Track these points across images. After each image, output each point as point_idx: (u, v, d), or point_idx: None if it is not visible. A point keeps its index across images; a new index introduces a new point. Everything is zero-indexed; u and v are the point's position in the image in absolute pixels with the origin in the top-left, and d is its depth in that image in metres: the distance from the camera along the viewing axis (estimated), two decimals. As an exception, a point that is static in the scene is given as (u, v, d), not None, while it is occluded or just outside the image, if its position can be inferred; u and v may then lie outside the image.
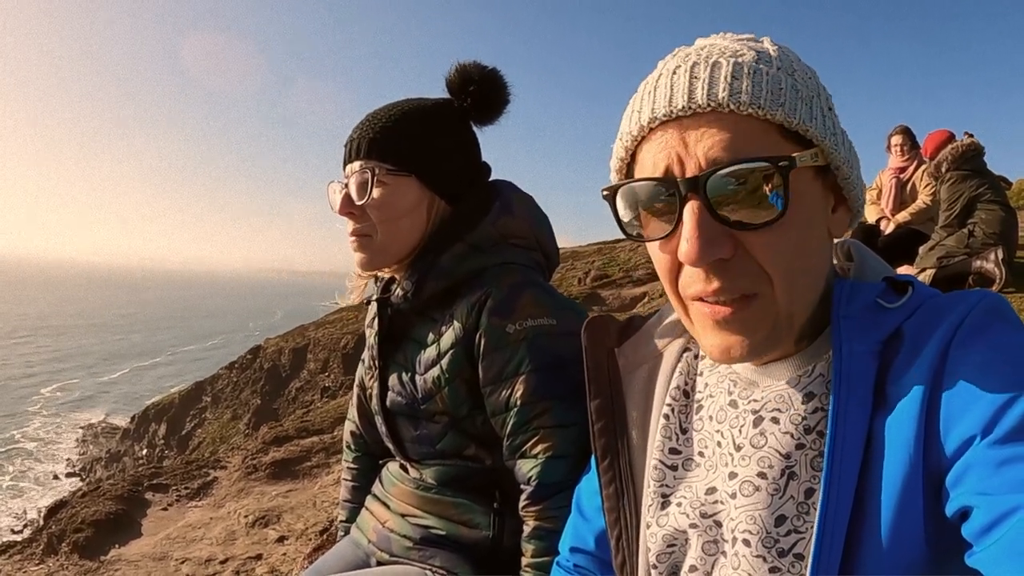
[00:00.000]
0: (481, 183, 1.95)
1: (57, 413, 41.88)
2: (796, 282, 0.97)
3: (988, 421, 0.82)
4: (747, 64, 0.95)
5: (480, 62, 1.88)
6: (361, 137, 1.81)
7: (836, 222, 1.04)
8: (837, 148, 0.97)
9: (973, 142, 7.18)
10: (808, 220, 0.97)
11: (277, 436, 7.74)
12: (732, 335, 0.99)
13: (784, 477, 0.99)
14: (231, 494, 6.08)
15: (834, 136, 0.97)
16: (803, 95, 0.95)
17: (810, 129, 0.94)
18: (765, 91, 0.92)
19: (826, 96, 1.01)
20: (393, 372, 1.93)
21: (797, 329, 1.01)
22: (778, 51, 1.00)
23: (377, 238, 1.82)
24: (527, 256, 1.90)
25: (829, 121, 0.98)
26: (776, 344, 1.01)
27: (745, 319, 0.98)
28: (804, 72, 0.99)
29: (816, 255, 1.00)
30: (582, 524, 1.39)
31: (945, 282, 6.55)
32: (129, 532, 5.41)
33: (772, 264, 0.94)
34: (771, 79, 0.94)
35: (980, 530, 0.78)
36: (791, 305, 0.97)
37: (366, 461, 2.28)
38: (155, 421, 27.18)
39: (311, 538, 4.90)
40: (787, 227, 0.93)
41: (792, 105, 0.93)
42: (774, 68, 0.96)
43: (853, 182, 1.02)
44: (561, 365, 1.71)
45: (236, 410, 23.32)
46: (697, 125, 0.94)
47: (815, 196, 0.99)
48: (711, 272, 0.96)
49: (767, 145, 0.93)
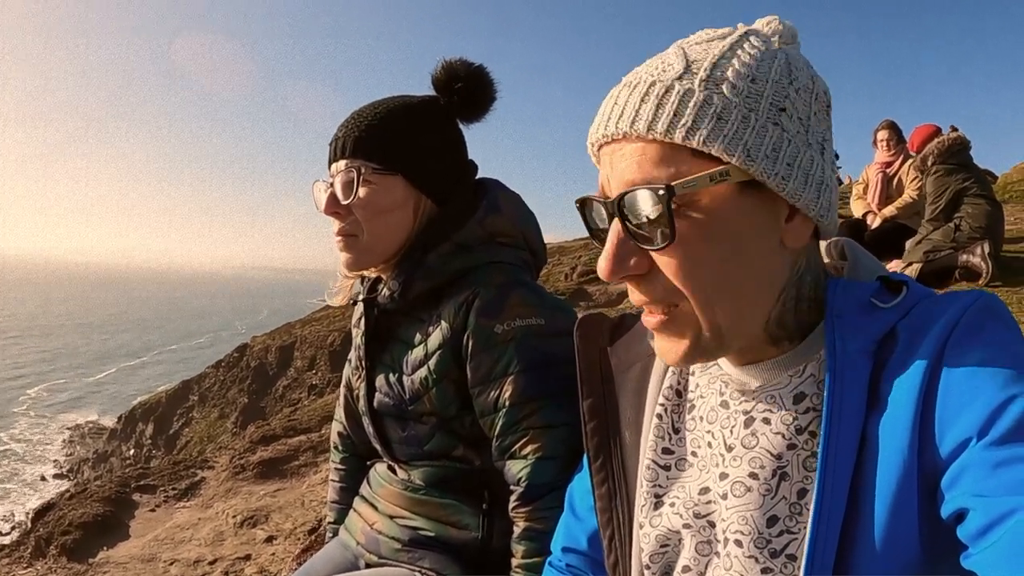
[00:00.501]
0: (468, 181, 1.93)
1: (44, 414, 41.78)
2: (712, 298, 0.97)
3: (984, 422, 0.81)
4: (662, 83, 0.97)
5: (466, 59, 1.87)
6: (346, 136, 1.78)
7: (791, 231, 1.00)
8: (753, 162, 0.93)
9: (959, 136, 7.22)
10: (726, 237, 0.96)
11: (264, 435, 7.70)
12: (664, 341, 1.04)
13: (776, 478, 0.99)
14: (219, 494, 6.04)
15: (752, 150, 0.94)
16: (718, 109, 0.93)
17: (714, 148, 0.92)
18: (666, 114, 0.94)
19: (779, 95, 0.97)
20: (380, 373, 1.91)
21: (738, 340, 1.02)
22: (719, 55, 0.98)
23: (363, 238, 1.79)
24: (515, 255, 1.88)
25: (754, 132, 0.94)
26: (711, 352, 1.02)
27: (670, 327, 1.02)
28: (742, 76, 0.96)
29: (747, 269, 0.98)
30: (574, 523, 1.39)
31: (932, 276, 6.58)
32: (117, 534, 5.37)
33: (679, 282, 0.97)
34: (679, 97, 0.94)
35: (976, 532, 0.78)
36: (711, 320, 0.98)
37: (354, 462, 2.26)
38: (142, 421, 27.13)
39: (300, 538, 4.88)
40: (686, 248, 0.95)
41: (696, 124, 0.92)
42: (695, 81, 0.95)
43: (794, 192, 0.97)
44: (550, 365, 1.70)
45: (223, 409, 23.29)
46: (620, 149, 0.99)
47: (742, 212, 0.96)
48: (633, 284, 1.02)
49: (675, 167, 0.94)
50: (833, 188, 1.02)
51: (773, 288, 1.01)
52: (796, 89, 0.99)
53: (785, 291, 1.02)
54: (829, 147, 1.04)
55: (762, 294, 1.01)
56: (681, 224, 0.94)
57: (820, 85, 1.03)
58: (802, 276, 1.04)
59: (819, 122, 1.02)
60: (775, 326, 1.03)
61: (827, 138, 1.03)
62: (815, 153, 0.99)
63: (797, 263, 1.03)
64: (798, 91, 0.99)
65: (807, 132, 0.99)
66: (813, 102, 1.01)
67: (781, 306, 1.02)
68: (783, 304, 1.02)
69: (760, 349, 1.06)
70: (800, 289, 1.03)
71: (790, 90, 0.98)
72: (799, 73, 1.00)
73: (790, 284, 1.02)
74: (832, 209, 1.03)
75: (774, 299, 1.01)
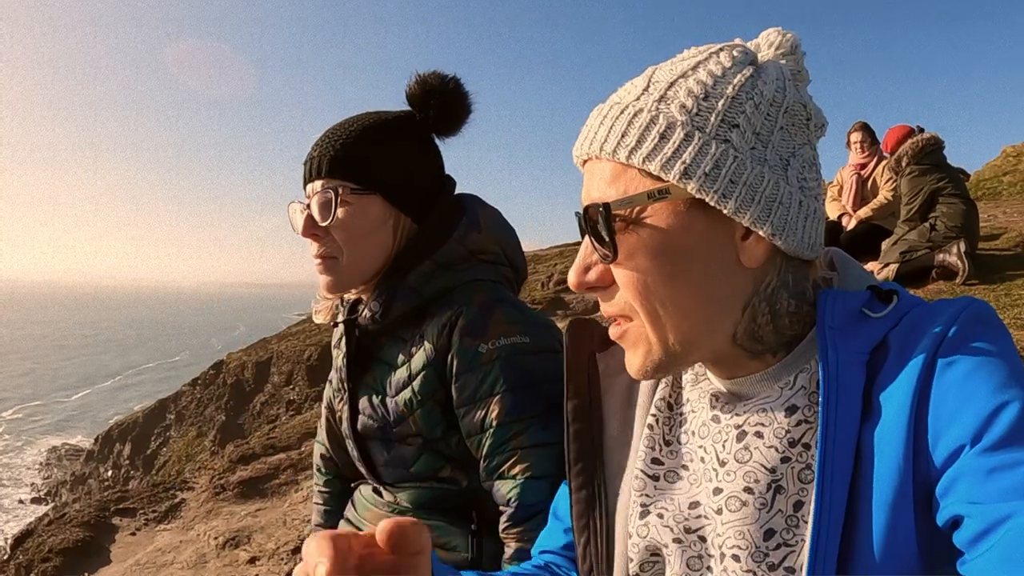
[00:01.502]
0: (446, 198, 1.90)
1: (19, 436, 41.45)
2: (659, 314, 0.99)
3: (977, 429, 0.81)
4: (618, 106, 1.01)
5: (440, 72, 1.84)
6: (322, 155, 1.74)
7: (747, 249, 0.99)
8: (689, 180, 0.93)
9: (933, 136, 7.29)
10: (671, 255, 0.97)
11: (244, 454, 7.66)
12: (627, 352, 1.08)
13: (771, 491, 0.98)
14: (200, 516, 5.99)
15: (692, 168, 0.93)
16: (662, 128, 0.96)
17: (652, 167, 0.95)
18: (614, 134, 0.99)
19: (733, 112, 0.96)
20: (363, 395, 1.88)
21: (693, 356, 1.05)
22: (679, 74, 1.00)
23: (343, 260, 1.76)
24: (496, 271, 1.86)
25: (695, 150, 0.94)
26: (667, 367, 1.04)
27: (626, 340, 1.06)
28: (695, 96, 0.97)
29: (697, 287, 0.98)
30: (555, 524, 1.39)
31: (909, 276, 6.62)
32: (98, 559, 5.31)
33: (628, 296, 1.01)
34: (629, 118, 0.99)
35: (972, 539, 0.78)
36: (661, 335, 1.01)
37: (337, 484, 2.23)
38: (119, 441, 26.88)
39: (283, 558, 4.85)
40: (630, 264, 0.99)
41: (638, 144, 0.97)
42: (648, 102, 0.99)
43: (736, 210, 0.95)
44: (536, 383, 1.68)
45: (201, 427, 23.09)
46: (590, 167, 1.05)
47: (687, 230, 0.97)
48: (598, 296, 1.07)
49: (627, 186, 0.98)
50: (798, 204, 0.99)
51: (733, 305, 1.01)
52: (756, 104, 0.97)
53: (751, 307, 1.02)
54: (798, 162, 1.01)
55: (719, 311, 1.01)
56: (628, 240, 0.98)
57: (793, 97, 1.01)
58: (775, 292, 1.02)
59: (786, 137, 0.99)
60: (749, 340, 1.03)
61: (797, 153, 1.01)
62: (769, 169, 0.97)
63: (765, 279, 1.02)
64: (758, 106, 0.97)
65: (765, 148, 0.97)
66: (780, 116, 0.99)
67: (750, 321, 1.02)
68: (752, 320, 1.02)
69: (739, 363, 1.06)
70: (775, 304, 1.02)
71: (747, 105, 0.97)
72: (765, 87, 0.99)
73: (758, 300, 1.02)
74: (796, 227, 0.99)
75: (738, 315, 1.02)
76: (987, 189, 13.63)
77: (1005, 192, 13.38)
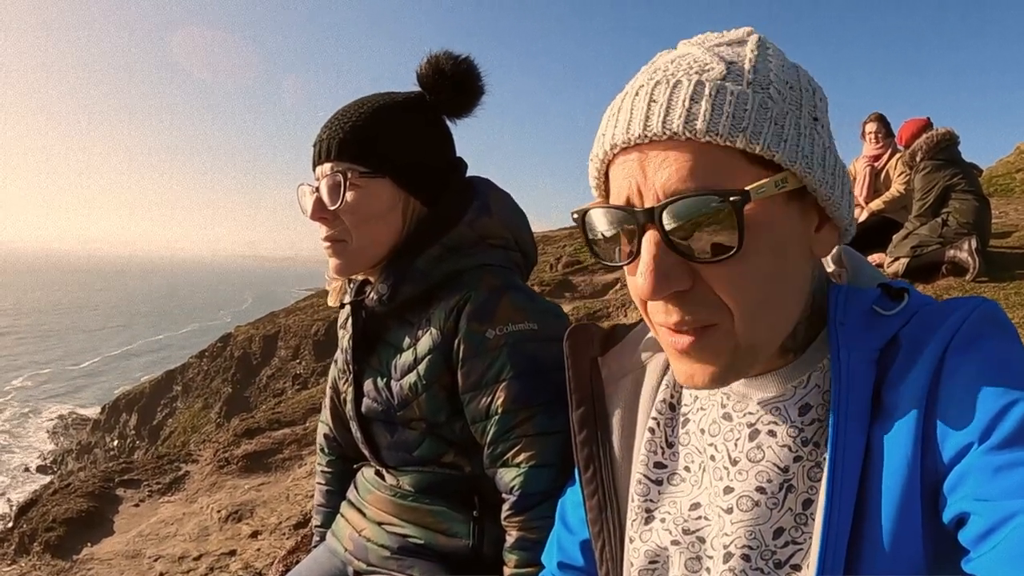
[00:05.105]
0: (457, 181, 1.88)
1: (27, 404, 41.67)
2: (757, 313, 0.93)
3: (985, 427, 0.81)
4: (710, 83, 0.90)
5: (452, 52, 1.80)
6: (331, 137, 1.73)
7: (820, 241, 0.99)
8: (811, 170, 0.91)
9: (948, 131, 7.23)
10: (777, 248, 0.92)
11: (249, 428, 7.67)
12: (694, 363, 0.97)
13: (783, 491, 0.98)
14: (203, 488, 6.01)
15: (808, 157, 0.91)
16: (774, 114, 0.89)
17: (777, 154, 0.88)
18: (725, 115, 0.88)
19: (811, 105, 0.95)
20: (368, 377, 1.88)
21: (766, 355, 0.99)
22: (756, 58, 0.93)
23: (352, 243, 1.75)
24: (505, 256, 1.85)
25: (807, 139, 0.91)
26: (742, 371, 0.98)
27: (704, 348, 0.95)
28: (783, 82, 0.93)
29: (788, 281, 0.96)
30: (567, 537, 1.36)
31: (919, 271, 6.59)
32: (101, 529, 5.33)
33: (730, 297, 0.92)
34: (735, 99, 0.89)
35: (978, 536, 0.78)
36: (752, 336, 0.94)
37: (340, 465, 2.23)
38: (126, 411, 27.05)
39: (285, 532, 4.86)
40: (745, 260, 0.89)
41: (757, 128, 0.88)
42: (743, 83, 0.90)
43: (836, 202, 0.96)
44: (543, 371, 1.67)
45: (207, 399, 23.23)
46: (655, 153, 0.91)
47: (789, 221, 0.94)
48: (670, 304, 0.94)
49: (728, 173, 0.89)
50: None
51: (803, 299, 1.00)
52: (820, 98, 0.98)
53: (806, 302, 1.01)
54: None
55: (796, 306, 0.99)
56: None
57: None
58: (817, 286, 1.03)
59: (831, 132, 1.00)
60: (790, 337, 1.01)
61: None
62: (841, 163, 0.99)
63: (814, 272, 1.02)
64: (822, 100, 0.98)
65: (833, 141, 0.98)
66: (826, 112, 0.99)
67: (800, 317, 1.01)
68: (802, 315, 1.01)
69: (769, 362, 1.03)
70: (812, 299, 1.02)
71: (815, 99, 0.97)
72: (816, 83, 0.99)
73: (810, 294, 1.01)
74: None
75: (800, 311, 1.00)
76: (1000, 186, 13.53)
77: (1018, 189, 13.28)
